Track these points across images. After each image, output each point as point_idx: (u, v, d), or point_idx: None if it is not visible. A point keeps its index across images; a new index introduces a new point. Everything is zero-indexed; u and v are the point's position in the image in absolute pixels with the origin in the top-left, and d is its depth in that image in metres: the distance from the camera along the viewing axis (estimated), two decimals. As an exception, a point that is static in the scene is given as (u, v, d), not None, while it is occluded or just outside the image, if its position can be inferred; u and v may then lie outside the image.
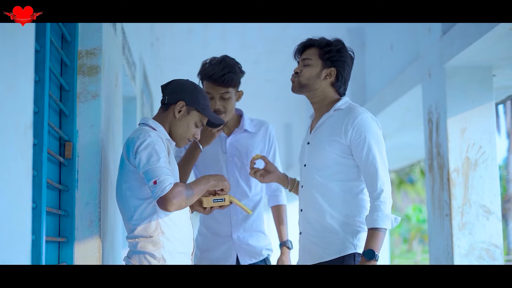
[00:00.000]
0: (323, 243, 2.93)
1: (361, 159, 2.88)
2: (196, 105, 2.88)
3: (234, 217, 3.57)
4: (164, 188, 2.62)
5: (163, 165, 2.66)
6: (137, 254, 2.75)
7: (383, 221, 2.79)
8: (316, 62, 3.03)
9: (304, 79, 3.04)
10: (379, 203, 2.81)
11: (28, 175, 1.81)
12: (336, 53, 3.02)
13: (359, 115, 2.92)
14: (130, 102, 5.19)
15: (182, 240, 2.82)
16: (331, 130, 2.97)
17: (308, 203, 3.01)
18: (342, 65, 3.03)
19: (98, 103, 3.13)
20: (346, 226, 2.91)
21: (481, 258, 4.60)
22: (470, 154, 4.70)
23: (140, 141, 2.70)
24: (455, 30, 4.60)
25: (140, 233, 2.74)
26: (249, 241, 3.57)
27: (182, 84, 2.93)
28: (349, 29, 7.61)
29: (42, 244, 2.39)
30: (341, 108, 3.01)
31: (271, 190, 3.71)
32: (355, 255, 2.89)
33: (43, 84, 2.46)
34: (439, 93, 4.88)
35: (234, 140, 3.62)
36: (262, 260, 3.60)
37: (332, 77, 3.03)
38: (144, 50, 6.08)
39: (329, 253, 2.91)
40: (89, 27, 3.18)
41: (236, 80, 3.51)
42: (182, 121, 2.88)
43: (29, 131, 1.80)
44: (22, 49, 1.79)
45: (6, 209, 1.65)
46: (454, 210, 4.65)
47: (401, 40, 6.30)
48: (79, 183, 3.04)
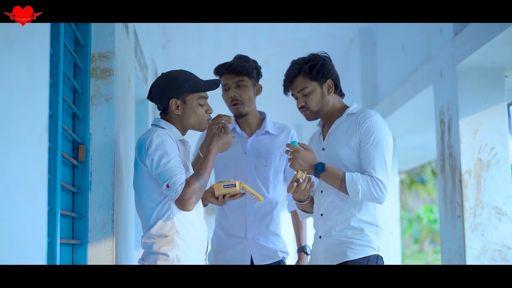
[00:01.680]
0: (349, 243, 2.96)
1: (364, 151, 2.94)
2: (185, 91, 2.84)
3: (249, 218, 3.57)
4: (177, 190, 2.64)
5: (173, 164, 2.68)
6: (152, 255, 2.76)
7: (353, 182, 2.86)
8: (312, 86, 3.08)
9: (314, 107, 3.09)
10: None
11: (43, 179, 1.82)
12: (322, 67, 3.08)
13: (371, 116, 2.99)
14: (142, 104, 5.20)
15: (197, 240, 2.82)
16: (345, 133, 3.02)
17: (330, 207, 3.05)
18: (332, 73, 3.11)
19: (111, 105, 3.15)
20: (371, 227, 2.97)
21: (493, 260, 4.58)
22: (482, 155, 4.69)
23: (149, 142, 2.71)
24: (467, 31, 4.58)
25: (156, 233, 2.75)
26: (263, 243, 3.56)
27: (160, 85, 2.89)
28: (360, 30, 7.60)
29: (57, 247, 2.40)
30: (353, 112, 3.08)
31: (290, 195, 3.71)
32: (378, 256, 2.95)
33: (57, 87, 2.48)
34: (451, 94, 4.87)
35: (255, 141, 3.64)
36: (277, 261, 3.59)
37: (332, 88, 3.10)
38: (155, 52, 6.10)
39: (354, 253, 2.95)
40: (102, 30, 3.20)
41: (250, 69, 3.56)
42: (187, 112, 2.86)
43: (45, 135, 1.81)
44: (38, 53, 1.80)
45: (23, 212, 1.67)
46: (466, 211, 4.63)
47: (413, 41, 6.29)
48: (92, 185, 3.06)
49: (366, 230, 2.96)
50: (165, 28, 7.35)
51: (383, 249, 2.99)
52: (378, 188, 2.88)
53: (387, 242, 3.05)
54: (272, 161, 3.62)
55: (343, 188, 2.90)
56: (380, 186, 2.88)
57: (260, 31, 7.66)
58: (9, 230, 1.59)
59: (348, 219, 2.99)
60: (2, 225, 1.55)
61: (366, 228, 2.96)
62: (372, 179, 2.88)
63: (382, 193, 2.88)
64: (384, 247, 3.00)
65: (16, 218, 1.62)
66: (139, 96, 4.96)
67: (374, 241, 2.95)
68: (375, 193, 2.87)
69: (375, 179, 2.88)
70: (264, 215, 3.59)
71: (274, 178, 3.63)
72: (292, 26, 7.46)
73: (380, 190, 2.88)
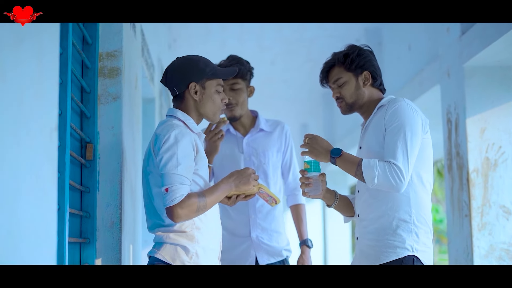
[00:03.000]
0: (381, 245, 2.83)
1: (388, 138, 2.80)
2: (205, 75, 2.77)
3: (252, 217, 3.56)
4: (174, 199, 2.54)
5: (180, 172, 2.57)
6: (169, 245, 2.65)
7: (369, 166, 2.74)
8: (347, 77, 2.98)
9: (349, 99, 2.99)
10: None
11: (53, 177, 1.82)
12: (358, 58, 2.98)
13: (398, 102, 2.85)
14: (149, 103, 5.21)
15: (214, 236, 2.76)
16: (377, 127, 2.90)
17: (364, 207, 2.94)
18: (370, 64, 3.00)
19: (118, 104, 3.15)
20: (404, 225, 2.82)
21: (501, 259, 4.57)
22: (489, 154, 4.68)
23: (165, 140, 2.61)
24: (474, 30, 4.58)
25: (174, 228, 2.65)
26: (268, 241, 3.56)
27: (179, 67, 2.82)
28: (366, 29, 7.59)
29: (65, 245, 2.40)
30: (383, 104, 2.95)
31: (290, 190, 3.72)
32: (413, 258, 2.78)
33: (66, 86, 2.49)
34: (458, 93, 4.86)
35: (251, 140, 3.64)
36: (281, 260, 3.59)
37: (369, 80, 2.99)
38: (162, 52, 6.10)
39: (387, 255, 2.81)
40: (109, 30, 3.20)
41: (244, 71, 3.54)
42: (205, 99, 2.78)
43: (55, 134, 1.81)
44: (47, 52, 1.81)
45: (34, 211, 1.67)
46: (474, 210, 4.62)
47: (419, 40, 6.28)
48: (100, 184, 3.07)
49: (399, 229, 2.80)
50: (171, 28, 7.35)
51: (423, 249, 2.82)
52: (396, 175, 2.71)
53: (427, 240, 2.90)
54: (270, 158, 3.62)
55: (359, 173, 2.76)
56: (398, 173, 2.71)
57: (266, 31, 7.66)
58: (19, 228, 1.59)
59: (380, 217, 2.85)
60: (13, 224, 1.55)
61: (399, 227, 2.81)
62: (390, 165, 2.72)
63: (400, 180, 2.71)
64: (424, 247, 2.83)
65: (26, 217, 1.62)
66: (146, 95, 4.97)
67: (407, 241, 2.79)
68: (392, 180, 2.71)
69: (394, 166, 2.72)
70: (266, 214, 3.59)
71: (273, 174, 3.63)
72: (298, 26, 7.46)
73: (398, 177, 2.71)
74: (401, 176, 2.72)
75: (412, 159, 2.76)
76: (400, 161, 2.73)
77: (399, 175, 2.72)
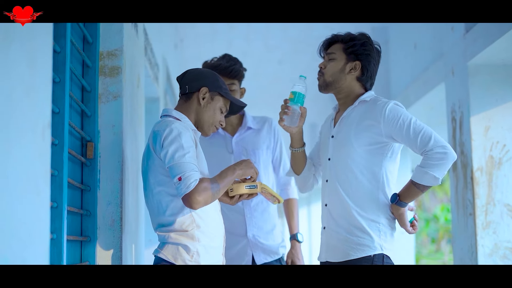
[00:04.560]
0: (350, 241, 2.90)
1: (403, 137, 2.85)
2: (219, 89, 2.85)
3: (248, 216, 3.58)
4: (189, 185, 2.55)
5: (188, 160, 2.59)
6: (171, 245, 2.68)
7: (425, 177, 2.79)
8: (340, 56, 3.00)
9: (328, 76, 3.01)
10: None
11: (46, 174, 1.83)
12: (360, 47, 2.99)
13: (386, 103, 2.90)
14: (153, 102, 5.23)
15: (215, 234, 2.77)
16: (358, 122, 2.94)
17: (333, 199, 2.98)
18: (366, 59, 3.00)
19: (119, 103, 3.16)
20: (372, 224, 2.89)
21: (505, 258, 4.55)
22: (494, 152, 4.66)
23: (166, 134, 2.64)
24: (478, 28, 4.56)
25: (175, 228, 2.68)
26: (264, 240, 3.57)
27: (201, 72, 2.90)
28: (373, 28, 7.57)
29: (63, 243, 2.42)
30: (366, 100, 2.99)
31: (281, 185, 3.73)
32: (383, 256, 2.87)
33: (64, 85, 2.50)
34: (462, 92, 4.85)
35: (240, 139, 3.64)
36: (277, 259, 3.61)
37: (357, 70, 3.00)
38: (167, 51, 6.12)
39: (356, 252, 2.88)
40: (110, 29, 3.21)
41: (241, 73, 3.58)
42: (208, 108, 2.83)
43: (47, 131, 1.82)
44: (40, 51, 1.82)
45: (25, 208, 1.68)
46: (478, 209, 4.61)
47: (425, 38, 6.27)
48: (101, 183, 3.08)
49: (368, 228, 2.88)
50: (177, 27, 7.37)
51: (390, 247, 2.91)
52: (439, 154, 2.75)
53: (399, 240, 3.01)
54: (260, 156, 3.63)
55: (424, 189, 2.81)
56: (439, 151, 2.75)
57: (272, 31, 7.67)
58: (11, 226, 1.60)
59: (350, 214, 2.91)
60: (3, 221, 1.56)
61: (368, 226, 2.88)
62: (429, 156, 2.77)
63: (445, 153, 2.76)
64: (391, 246, 2.93)
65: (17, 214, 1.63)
66: (149, 94, 4.98)
67: (376, 240, 2.87)
68: (442, 161, 2.75)
69: (429, 153, 2.77)
70: (261, 212, 3.60)
71: (264, 172, 3.64)
72: (304, 25, 7.46)
73: (441, 154, 2.75)
74: (442, 152, 2.77)
75: (433, 132, 2.82)
76: (430, 142, 2.78)
77: (440, 153, 2.76)
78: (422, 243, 26.30)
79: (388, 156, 2.93)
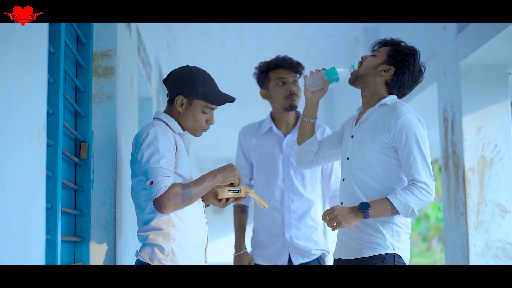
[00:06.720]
0: (363, 239, 2.93)
1: (403, 157, 2.88)
2: (195, 94, 2.80)
3: (287, 217, 3.63)
4: (159, 190, 2.61)
5: (163, 165, 2.64)
6: (147, 247, 2.73)
7: (402, 204, 2.82)
8: (381, 55, 3.06)
9: (362, 68, 3.06)
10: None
11: (42, 176, 1.84)
12: (402, 56, 3.03)
13: (402, 115, 2.91)
14: (146, 102, 5.23)
15: (195, 234, 2.80)
16: (374, 126, 2.97)
17: (349, 197, 3.01)
18: (402, 68, 3.03)
19: (113, 104, 3.16)
20: (386, 224, 2.92)
21: (497, 257, 4.58)
22: (485, 152, 4.68)
23: (144, 137, 2.69)
24: (470, 29, 4.58)
25: (151, 226, 2.73)
26: (301, 242, 3.62)
27: (178, 76, 2.85)
28: (365, 28, 7.60)
29: (58, 244, 2.42)
30: (386, 103, 3.01)
31: (332, 191, 3.76)
32: (395, 255, 2.90)
33: (58, 85, 2.50)
34: (454, 92, 4.87)
35: (291, 141, 3.69)
36: (315, 259, 3.64)
37: (388, 74, 3.03)
38: (160, 51, 6.12)
39: (368, 250, 2.91)
40: (104, 29, 3.21)
41: (303, 68, 3.76)
42: (188, 114, 2.82)
43: (43, 133, 1.83)
44: (36, 52, 1.82)
45: (20, 210, 1.68)
46: (470, 209, 4.63)
47: (417, 38, 6.28)
48: (95, 183, 3.08)
49: (381, 227, 2.91)
50: (170, 27, 7.36)
51: (404, 247, 2.93)
52: (426, 192, 2.83)
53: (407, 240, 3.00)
54: None
55: (396, 213, 2.85)
56: (426, 189, 2.83)
57: (265, 31, 7.66)
58: (7, 227, 1.60)
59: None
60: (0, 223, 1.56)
61: (382, 225, 2.91)
62: (416, 187, 2.82)
63: (430, 194, 2.83)
64: (404, 246, 2.94)
65: (14, 215, 1.64)
66: (142, 94, 4.98)
67: (388, 239, 2.89)
68: (425, 199, 2.82)
69: (420, 185, 2.83)
70: (302, 215, 3.66)
71: (311, 177, 3.69)
72: (297, 25, 7.46)
73: (427, 193, 2.83)
74: (429, 190, 2.85)
75: (431, 166, 2.88)
76: (424, 176, 2.85)
77: (427, 191, 2.85)
78: (413, 241, 26.35)
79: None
